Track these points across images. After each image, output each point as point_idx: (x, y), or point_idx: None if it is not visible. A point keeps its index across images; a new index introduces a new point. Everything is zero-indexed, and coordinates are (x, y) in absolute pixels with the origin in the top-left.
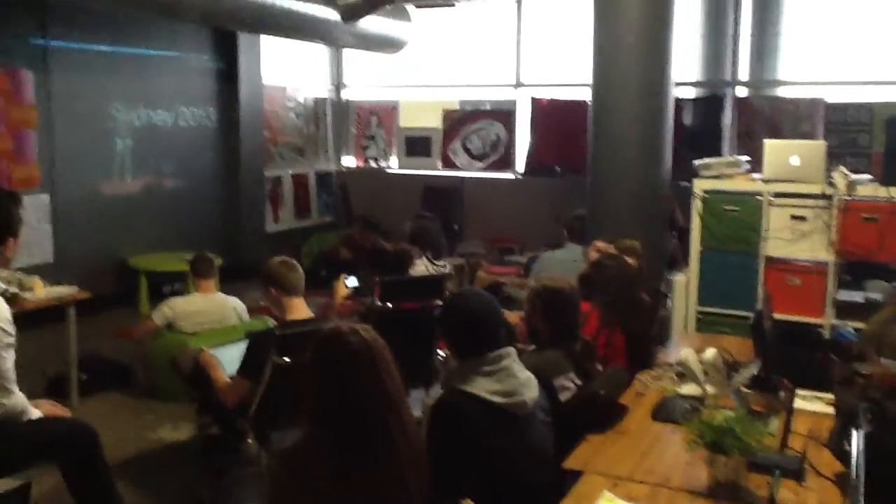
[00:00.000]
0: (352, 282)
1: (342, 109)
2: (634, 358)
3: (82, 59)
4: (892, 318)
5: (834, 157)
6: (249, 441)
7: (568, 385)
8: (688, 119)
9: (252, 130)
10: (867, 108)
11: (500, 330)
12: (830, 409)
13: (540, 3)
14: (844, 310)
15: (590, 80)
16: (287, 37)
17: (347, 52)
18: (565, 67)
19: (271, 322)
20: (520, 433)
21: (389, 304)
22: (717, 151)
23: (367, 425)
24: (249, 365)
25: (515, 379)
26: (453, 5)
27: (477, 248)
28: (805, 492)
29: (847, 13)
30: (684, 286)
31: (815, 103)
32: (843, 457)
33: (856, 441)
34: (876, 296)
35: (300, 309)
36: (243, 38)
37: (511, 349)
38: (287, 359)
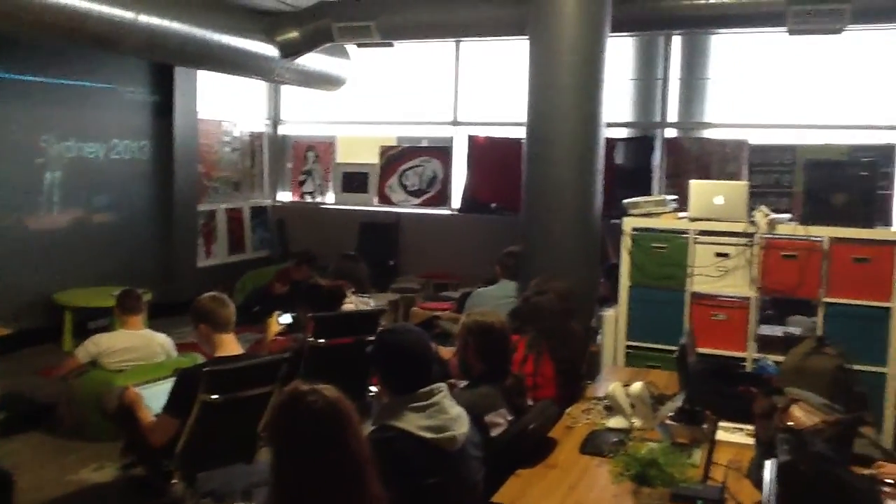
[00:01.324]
0: (285, 318)
1: (279, 144)
2: (565, 391)
3: (13, 90)
4: (809, 351)
5: (758, 197)
6: (175, 482)
7: (499, 421)
8: (620, 159)
9: (186, 164)
10: (790, 150)
11: (432, 365)
12: (751, 441)
13: (478, 45)
14: (766, 344)
15: (525, 119)
16: (225, 72)
17: (286, 88)
18: (502, 106)
19: (201, 359)
20: (451, 469)
21: (322, 340)
22: (647, 190)
23: (334, 493)
24: (176, 403)
25: (446, 415)
26: (392, 45)
27: (412, 283)
28: None
29: (770, 59)
30: (614, 321)
31: (740, 144)
32: (762, 486)
33: (769, 470)
34: (795, 330)
35: (230, 345)
36: (180, 72)
37: (442, 385)
38: (216, 396)
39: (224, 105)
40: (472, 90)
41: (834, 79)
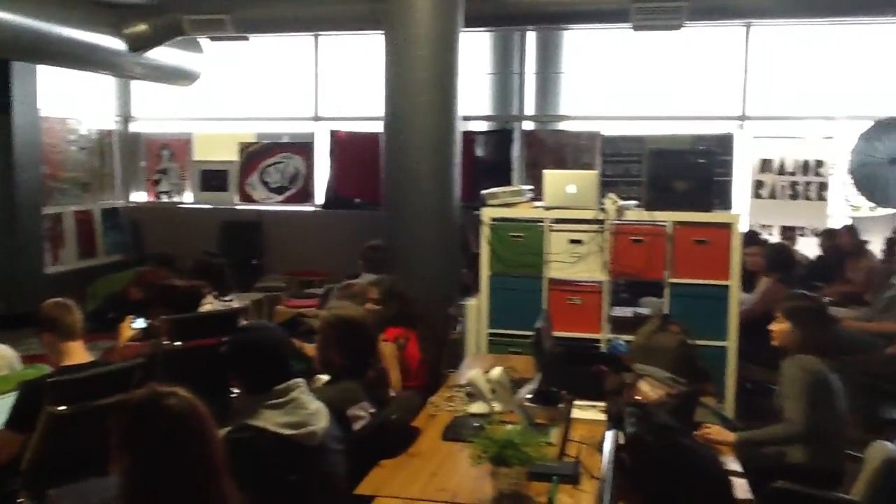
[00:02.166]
0: (138, 323)
1: (131, 142)
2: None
3: None
4: (655, 329)
5: (611, 186)
6: (21, 502)
7: (361, 414)
8: (481, 151)
9: (28, 165)
10: (639, 140)
11: (287, 361)
12: (604, 416)
13: (337, 39)
14: (618, 325)
15: (383, 114)
16: (68, 66)
17: (136, 83)
18: (363, 101)
19: (48, 369)
20: (311, 464)
21: (179, 343)
22: (508, 181)
23: (186, 497)
24: (19, 417)
25: (305, 410)
26: (247, 39)
27: (277, 282)
28: (580, 493)
29: (620, 54)
30: (476, 310)
31: (593, 136)
32: (616, 462)
33: (609, 440)
34: (644, 310)
35: (78, 353)
36: (17, 67)
37: (300, 380)
38: (63, 407)
39: (69, 102)
40: (333, 85)
41: (679, 72)
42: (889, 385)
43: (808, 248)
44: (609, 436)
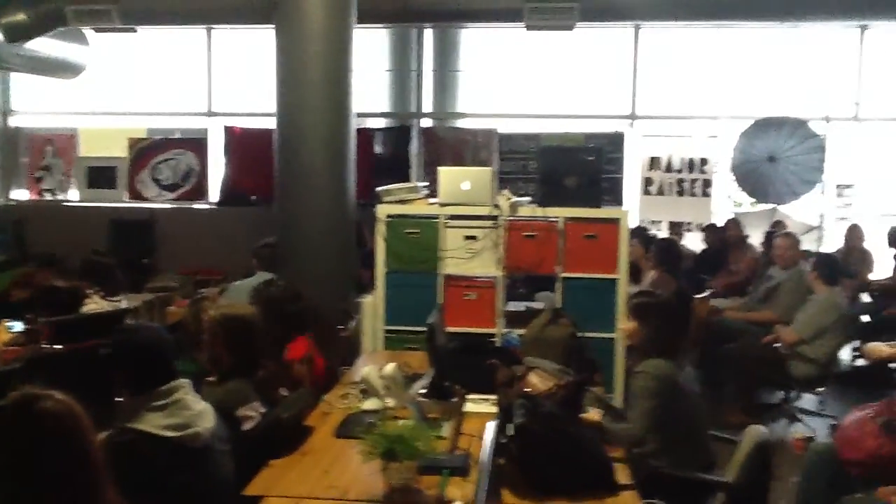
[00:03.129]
0: (15, 325)
1: (11, 138)
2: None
3: None
4: (546, 323)
5: (508, 182)
6: None
7: (251, 414)
8: (379, 148)
9: None
10: (534, 138)
11: (170, 362)
12: (496, 409)
13: (230, 33)
14: (512, 319)
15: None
16: None
17: (16, 75)
18: (258, 96)
19: None
20: (197, 466)
21: (60, 346)
22: (406, 178)
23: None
24: None
25: (189, 411)
26: (135, 31)
27: (171, 281)
28: (469, 485)
29: (517, 53)
30: (371, 307)
31: (489, 133)
32: (500, 448)
33: (489, 431)
34: (537, 304)
35: None
36: None
37: (184, 381)
38: None
39: None
40: (227, 80)
41: (574, 72)
42: (766, 371)
43: (695, 242)
44: (490, 426)
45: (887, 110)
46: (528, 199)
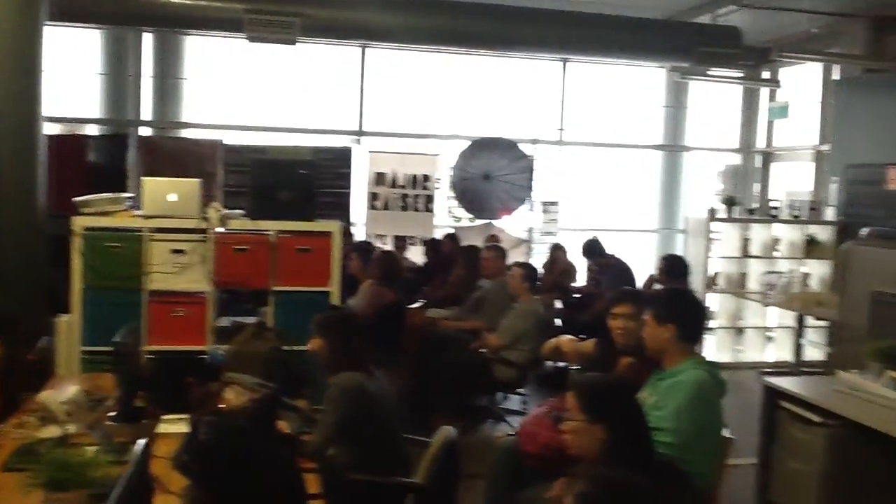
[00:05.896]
0: None
1: None
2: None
3: None
4: (250, 337)
5: (233, 196)
6: None
7: None
8: (93, 156)
9: None
10: (262, 151)
11: None
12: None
13: None
14: (222, 334)
15: None
16: None
17: None
18: None
19: None
20: None
21: None
22: (122, 189)
23: None
24: None
25: None
26: None
27: None
28: None
29: (247, 64)
30: (67, 327)
31: (214, 144)
32: (184, 468)
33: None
34: (247, 319)
35: None
36: None
37: None
38: None
39: None
40: None
41: (306, 87)
42: (474, 375)
43: (417, 255)
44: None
45: (586, 135)
46: (240, 211)
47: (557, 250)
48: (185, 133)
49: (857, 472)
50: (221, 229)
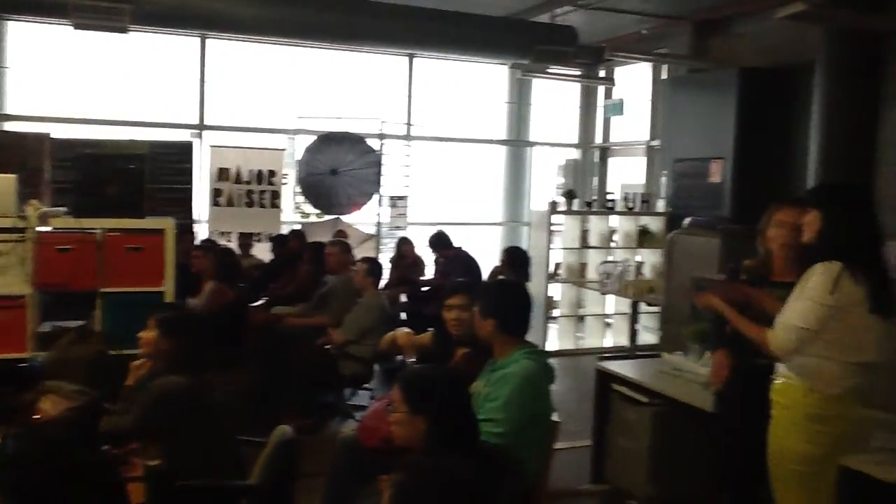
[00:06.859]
0: None
1: None
2: None
3: None
4: (72, 341)
5: (64, 193)
6: None
7: None
8: None
9: None
10: (95, 145)
11: None
12: None
13: None
14: (45, 340)
15: None
16: None
17: None
18: None
19: None
20: None
21: None
22: None
23: None
24: None
25: None
26: None
27: None
28: None
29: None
30: None
31: (41, 138)
32: None
33: None
34: (72, 323)
35: None
36: None
37: None
38: None
39: None
40: None
41: (145, 78)
42: (320, 372)
43: (264, 252)
44: None
45: (433, 130)
46: (63, 209)
47: (404, 244)
48: (8, 126)
49: (678, 446)
50: (45, 228)
